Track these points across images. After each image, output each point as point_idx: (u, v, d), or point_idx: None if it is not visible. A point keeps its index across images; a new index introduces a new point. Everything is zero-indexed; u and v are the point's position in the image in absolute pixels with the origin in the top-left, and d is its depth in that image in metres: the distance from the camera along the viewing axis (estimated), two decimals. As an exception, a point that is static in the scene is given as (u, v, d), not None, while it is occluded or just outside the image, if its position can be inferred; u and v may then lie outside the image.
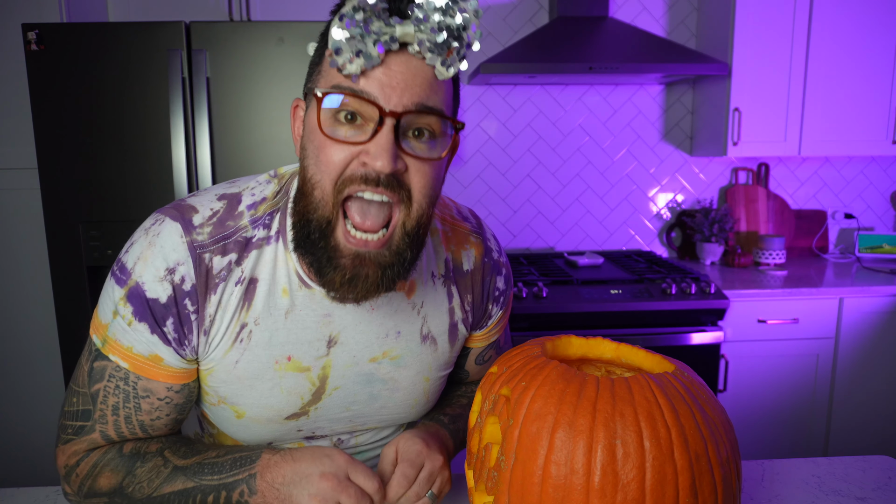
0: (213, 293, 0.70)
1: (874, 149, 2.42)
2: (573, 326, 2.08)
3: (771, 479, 0.92)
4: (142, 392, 0.71)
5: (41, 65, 1.76)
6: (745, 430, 2.24)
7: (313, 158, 0.64)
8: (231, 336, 0.71)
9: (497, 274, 0.86)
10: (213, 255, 0.69)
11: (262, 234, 0.72)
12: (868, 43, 2.35)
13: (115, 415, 0.71)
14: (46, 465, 2.28)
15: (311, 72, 0.67)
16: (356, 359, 0.76)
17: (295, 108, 0.71)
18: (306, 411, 0.77)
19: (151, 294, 0.68)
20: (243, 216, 0.72)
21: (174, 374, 0.72)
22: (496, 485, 0.67)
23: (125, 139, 1.80)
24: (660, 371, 0.75)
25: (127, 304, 0.69)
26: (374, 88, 0.60)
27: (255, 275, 0.71)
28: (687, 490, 0.61)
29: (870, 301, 2.19)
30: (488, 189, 2.67)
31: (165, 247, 0.69)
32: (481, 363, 0.93)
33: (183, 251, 0.68)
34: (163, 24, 1.77)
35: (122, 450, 0.72)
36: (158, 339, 0.69)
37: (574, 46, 2.21)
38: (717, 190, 2.76)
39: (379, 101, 0.60)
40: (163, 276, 0.68)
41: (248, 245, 0.71)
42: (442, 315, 0.81)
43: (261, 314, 0.72)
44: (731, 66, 2.33)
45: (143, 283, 0.68)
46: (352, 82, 0.60)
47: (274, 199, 0.74)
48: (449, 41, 0.60)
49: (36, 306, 2.18)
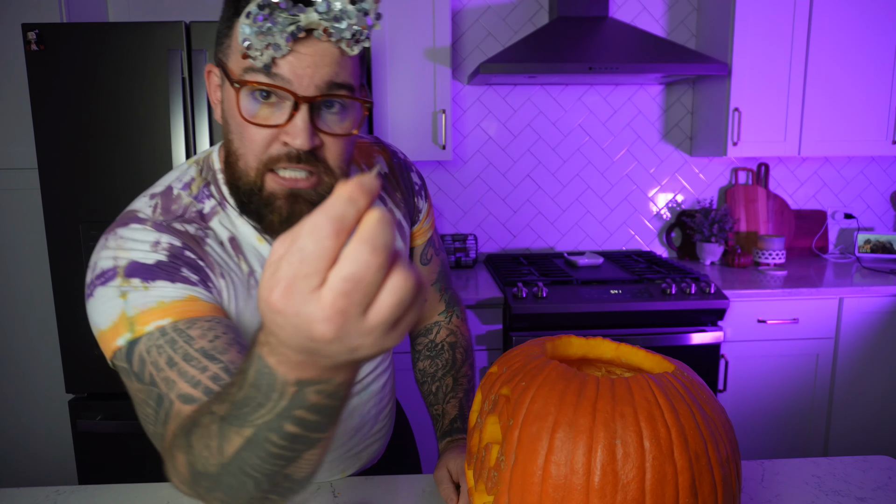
0: (205, 244, 0.72)
1: (874, 149, 2.42)
2: (573, 326, 2.08)
3: (771, 479, 0.92)
4: (184, 325, 0.64)
5: (41, 65, 1.76)
6: (745, 430, 2.24)
7: (237, 135, 0.68)
8: (243, 283, 0.75)
9: (409, 170, 0.96)
10: (181, 223, 0.72)
11: (211, 204, 0.75)
12: (868, 42, 2.35)
13: (172, 367, 0.62)
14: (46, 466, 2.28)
15: (221, 41, 0.69)
16: None
17: (209, 74, 0.73)
18: None
19: (150, 260, 0.67)
20: (182, 197, 0.75)
21: (215, 308, 0.68)
22: (496, 485, 0.67)
23: (125, 139, 1.80)
24: (660, 371, 0.75)
25: (131, 279, 0.65)
26: (287, 73, 0.63)
27: (231, 234, 0.75)
28: (687, 490, 0.61)
29: (870, 301, 2.19)
30: (488, 189, 2.67)
31: (135, 237, 0.69)
32: (426, 262, 1.01)
33: (153, 232, 0.69)
34: (163, 24, 1.77)
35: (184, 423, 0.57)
36: (183, 284, 0.67)
37: (574, 46, 2.22)
38: (717, 190, 2.76)
39: (293, 87, 0.64)
40: (150, 248, 0.68)
41: (203, 217, 0.74)
42: None
43: (253, 262, 0.76)
44: (731, 66, 2.33)
45: (136, 258, 0.67)
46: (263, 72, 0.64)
47: (201, 175, 0.77)
48: (351, 26, 0.63)
49: (36, 306, 2.18)
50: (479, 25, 2.56)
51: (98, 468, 1.93)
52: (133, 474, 1.93)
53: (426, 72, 2.26)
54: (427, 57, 2.25)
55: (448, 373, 1.02)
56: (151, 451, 1.92)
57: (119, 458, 1.92)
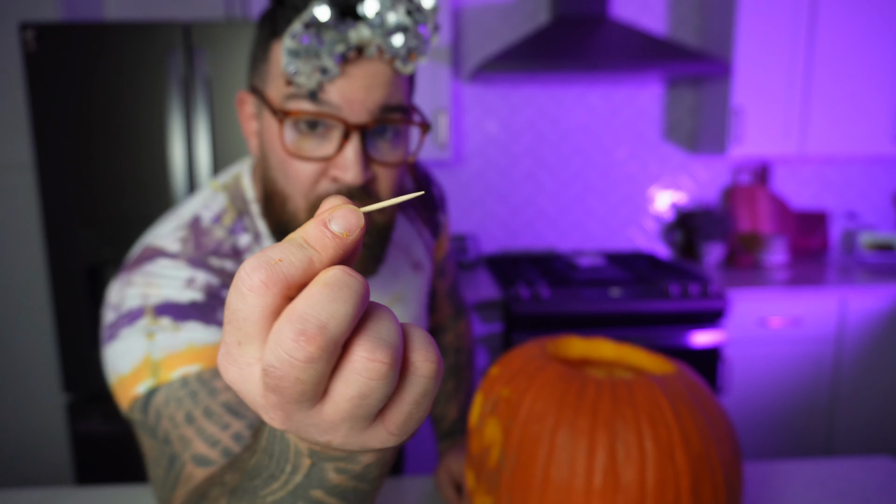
0: None
1: (876, 148, 2.41)
2: (574, 327, 2.08)
3: (773, 480, 0.91)
4: (209, 376, 0.59)
5: (39, 64, 1.75)
6: (747, 432, 2.24)
7: (280, 171, 0.61)
8: None
9: (431, 185, 0.92)
10: (215, 258, 0.66)
11: (247, 239, 0.69)
12: (871, 42, 2.35)
13: (191, 423, 0.56)
14: (44, 468, 2.28)
15: (256, 65, 0.61)
16: None
17: (241, 103, 0.66)
18: None
19: (185, 299, 0.61)
20: (213, 231, 0.67)
21: None
22: (496, 486, 0.66)
23: (123, 139, 1.80)
24: (661, 372, 0.74)
25: (160, 318, 0.59)
26: (337, 99, 0.56)
27: None
28: (688, 492, 0.60)
29: (871, 301, 2.19)
30: (488, 189, 2.66)
31: (167, 274, 0.62)
32: (441, 275, 1.01)
33: (187, 268, 0.63)
34: (161, 24, 1.76)
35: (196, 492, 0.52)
36: (217, 327, 0.61)
37: (574, 46, 2.21)
38: (719, 190, 2.75)
39: (343, 115, 0.57)
40: (184, 286, 0.62)
41: (238, 252, 0.68)
42: (416, 239, 0.85)
43: None
44: (733, 66, 2.33)
45: (168, 296, 0.60)
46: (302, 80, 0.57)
47: (233, 206, 0.70)
48: (408, 42, 0.56)
49: (34, 307, 2.17)
50: (479, 25, 2.55)
51: (96, 470, 1.92)
52: (131, 476, 1.93)
53: (426, 71, 2.25)
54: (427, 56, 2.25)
55: (451, 376, 1.03)
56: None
57: (117, 459, 1.92)
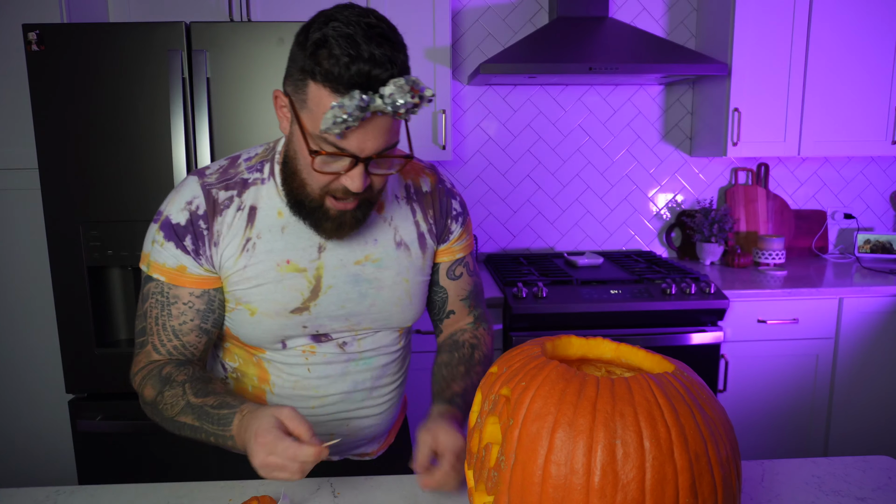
0: (220, 216, 0.92)
1: (874, 149, 2.42)
2: (573, 326, 2.08)
3: (771, 479, 0.92)
4: (171, 299, 0.93)
5: (42, 65, 1.76)
6: (745, 431, 2.24)
7: (305, 170, 0.86)
8: (238, 247, 0.92)
9: (452, 198, 1.08)
10: (218, 190, 0.93)
11: (256, 176, 0.95)
12: (868, 43, 2.36)
13: (157, 324, 0.94)
14: (46, 466, 2.28)
15: (294, 82, 0.81)
16: (343, 261, 0.96)
17: (276, 99, 0.87)
18: (307, 307, 0.95)
19: (175, 220, 0.92)
20: (241, 166, 0.96)
21: (195, 280, 0.93)
22: (496, 485, 0.67)
23: (125, 139, 1.80)
24: (660, 371, 0.75)
25: (160, 232, 0.93)
26: (353, 146, 0.80)
27: (255, 203, 0.93)
28: (687, 490, 0.61)
29: (869, 301, 2.19)
30: (488, 189, 2.67)
31: (186, 191, 0.94)
32: (454, 278, 1.11)
33: (198, 190, 0.93)
34: (163, 25, 1.77)
35: (162, 371, 0.93)
36: (181, 252, 0.92)
37: (574, 46, 2.22)
38: (717, 190, 2.76)
39: (355, 153, 0.81)
40: (183, 207, 0.92)
41: (245, 184, 0.94)
42: (409, 226, 1.02)
43: (262, 230, 0.93)
44: (731, 67, 2.33)
45: (170, 214, 0.93)
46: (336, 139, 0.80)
47: (264, 153, 0.97)
48: (410, 111, 0.79)
49: (36, 306, 2.18)
50: (479, 25, 2.56)
51: (98, 468, 1.93)
52: (133, 474, 1.94)
53: (426, 72, 2.26)
54: (427, 57, 2.25)
55: (462, 363, 1.06)
56: (151, 452, 1.92)
57: (119, 458, 1.92)
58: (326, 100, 0.77)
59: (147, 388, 0.93)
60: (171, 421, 0.91)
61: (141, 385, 0.95)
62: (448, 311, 1.13)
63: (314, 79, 0.77)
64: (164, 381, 0.92)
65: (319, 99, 0.78)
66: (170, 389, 0.91)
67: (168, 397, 0.91)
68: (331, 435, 1.01)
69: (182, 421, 0.90)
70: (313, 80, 0.78)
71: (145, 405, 0.95)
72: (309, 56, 0.78)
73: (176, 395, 0.90)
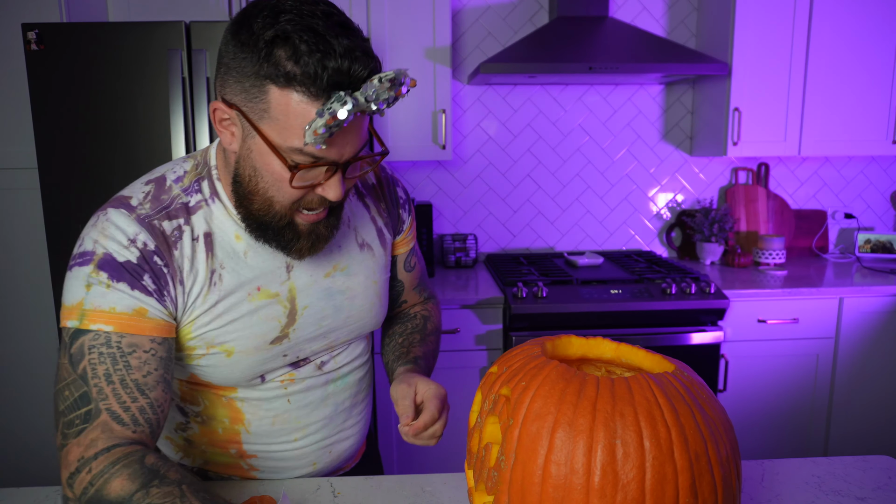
0: (175, 249, 0.78)
1: (874, 148, 2.42)
2: (573, 326, 2.08)
3: (771, 478, 0.92)
4: (127, 348, 0.74)
5: (41, 65, 1.76)
6: (745, 430, 2.24)
7: (271, 183, 0.75)
8: (204, 281, 0.80)
9: (395, 185, 1.03)
10: (160, 220, 0.78)
11: (198, 198, 0.82)
12: (868, 42, 2.35)
13: (109, 384, 0.73)
14: (46, 466, 2.28)
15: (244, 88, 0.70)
16: (313, 277, 0.89)
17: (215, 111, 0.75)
18: (286, 334, 0.87)
19: (122, 258, 0.75)
20: (173, 189, 0.81)
21: (157, 326, 0.77)
22: (496, 485, 0.67)
23: (125, 139, 1.80)
24: (660, 371, 0.75)
25: (100, 272, 0.74)
26: (334, 154, 0.72)
27: (209, 230, 0.81)
28: (687, 490, 0.61)
29: (870, 301, 2.19)
30: (488, 189, 2.67)
31: (119, 226, 0.76)
32: (409, 269, 1.09)
33: (135, 225, 0.77)
34: (163, 24, 1.77)
35: (145, 461, 0.72)
36: (140, 293, 0.75)
37: (574, 46, 2.22)
38: (717, 190, 2.76)
39: (335, 161, 0.73)
40: (126, 244, 0.75)
41: (188, 209, 0.81)
42: (367, 224, 0.96)
43: (224, 259, 0.82)
44: (731, 66, 2.33)
45: (111, 251, 0.75)
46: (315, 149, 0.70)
47: (195, 170, 0.84)
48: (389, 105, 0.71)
49: (35, 306, 2.18)
50: (479, 25, 2.56)
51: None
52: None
53: (426, 72, 2.26)
54: (427, 57, 2.25)
55: (417, 332, 1.07)
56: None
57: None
58: (300, 106, 0.67)
59: (118, 479, 0.69)
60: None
61: (102, 475, 0.69)
62: (402, 301, 1.12)
63: (277, 83, 0.67)
64: (149, 473, 0.70)
65: (288, 106, 0.68)
66: (160, 487, 0.69)
67: (156, 496, 0.68)
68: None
69: None
70: (276, 86, 0.67)
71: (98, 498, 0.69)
72: (264, 58, 0.67)
73: (171, 494, 0.69)
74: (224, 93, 0.73)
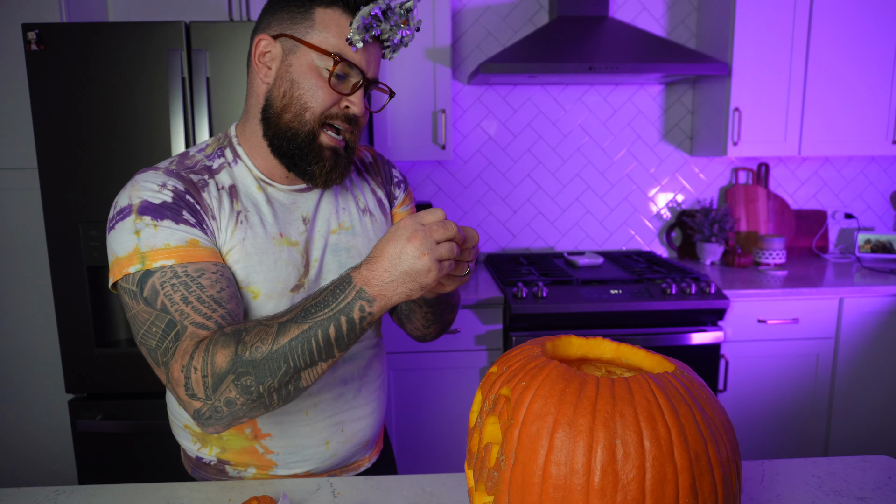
0: (204, 191, 0.87)
1: (874, 149, 2.42)
2: (573, 326, 2.08)
3: (771, 479, 0.92)
4: (194, 273, 0.80)
5: (41, 65, 1.76)
6: (746, 430, 2.24)
7: (310, 93, 0.86)
8: (233, 219, 0.88)
9: (392, 167, 1.13)
10: (187, 173, 0.87)
11: (220, 161, 0.92)
12: (868, 42, 2.35)
13: (188, 304, 0.78)
14: (46, 466, 2.28)
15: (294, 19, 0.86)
16: (321, 232, 0.96)
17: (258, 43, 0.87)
18: (302, 283, 0.93)
19: (158, 201, 0.82)
20: (195, 157, 0.91)
21: (212, 253, 0.84)
22: (496, 485, 0.67)
23: (125, 139, 1.80)
24: (660, 371, 0.75)
25: (143, 217, 0.80)
26: (361, 61, 0.87)
27: (232, 183, 0.90)
28: (687, 490, 0.61)
29: (870, 301, 2.19)
30: (488, 189, 2.67)
31: (148, 180, 0.84)
32: None
33: (163, 176, 0.85)
34: (163, 24, 1.77)
35: (224, 331, 0.77)
36: (185, 226, 0.82)
37: (574, 46, 2.21)
38: (718, 190, 2.76)
39: (363, 69, 0.88)
40: (158, 189, 0.83)
41: (211, 170, 0.90)
42: (368, 194, 1.05)
43: (248, 205, 0.90)
44: (732, 66, 2.33)
45: (146, 198, 0.82)
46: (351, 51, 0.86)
47: (217, 142, 0.95)
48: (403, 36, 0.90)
49: (36, 306, 2.18)
50: (479, 25, 2.56)
51: (98, 468, 1.93)
52: (133, 474, 1.93)
53: (426, 71, 2.26)
54: (427, 57, 2.25)
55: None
56: (151, 451, 1.92)
57: (119, 457, 1.92)
58: (341, 18, 0.85)
59: (218, 356, 0.74)
60: (264, 361, 0.73)
61: (206, 365, 0.74)
62: None
63: (321, 5, 0.85)
64: (235, 334, 0.75)
65: (331, 19, 0.85)
66: (248, 332, 0.75)
67: (251, 339, 0.74)
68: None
69: (284, 343, 0.73)
70: (321, 7, 0.85)
71: (224, 381, 0.73)
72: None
73: (260, 330, 0.75)
74: (269, 28, 0.87)
